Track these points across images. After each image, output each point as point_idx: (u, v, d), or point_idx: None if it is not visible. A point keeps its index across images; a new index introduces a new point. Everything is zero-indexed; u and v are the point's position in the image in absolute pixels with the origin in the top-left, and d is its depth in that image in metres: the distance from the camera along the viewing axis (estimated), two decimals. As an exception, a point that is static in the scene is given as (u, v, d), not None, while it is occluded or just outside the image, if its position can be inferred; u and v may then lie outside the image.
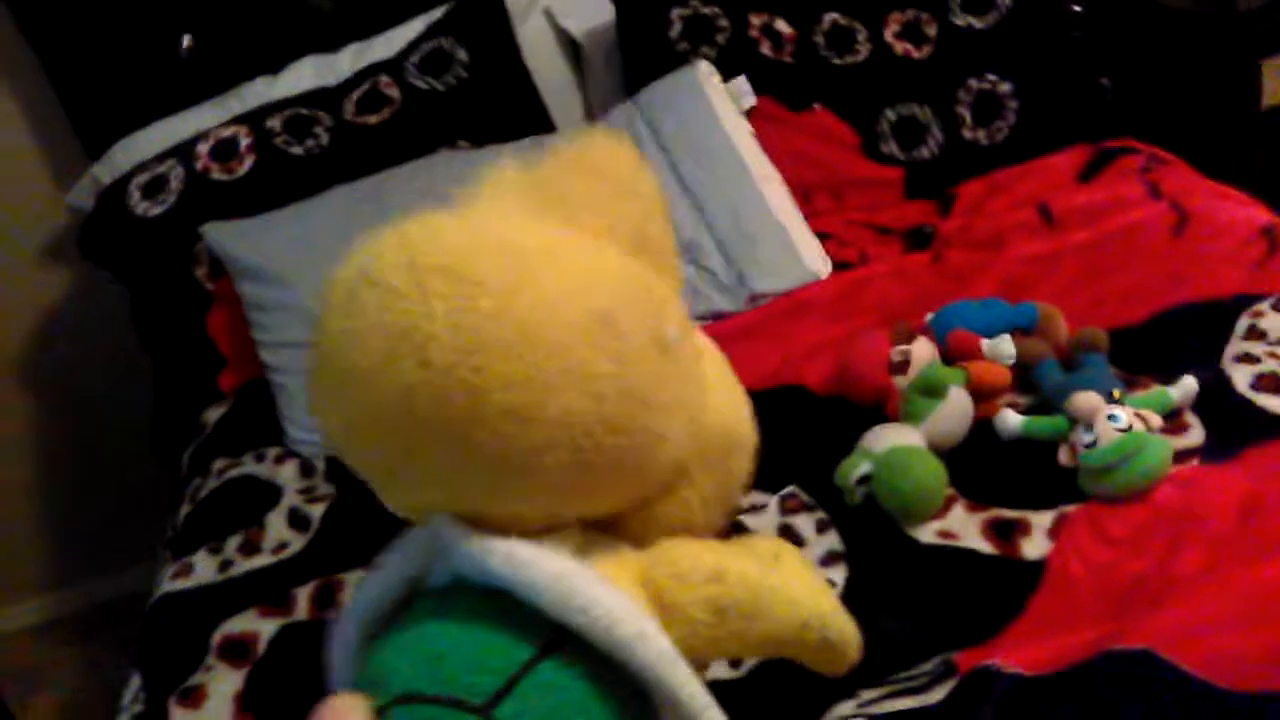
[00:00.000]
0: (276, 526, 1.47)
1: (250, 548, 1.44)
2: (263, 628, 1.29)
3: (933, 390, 1.29)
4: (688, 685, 0.36)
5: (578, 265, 0.35)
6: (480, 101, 1.97)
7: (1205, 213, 1.63)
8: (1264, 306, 1.39)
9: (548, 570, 0.34)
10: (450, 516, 0.37)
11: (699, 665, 0.38)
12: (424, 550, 0.38)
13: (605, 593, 0.34)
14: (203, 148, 1.88)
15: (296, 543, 1.43)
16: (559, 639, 0.34)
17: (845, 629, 0.39)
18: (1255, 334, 1.35)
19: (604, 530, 0.40)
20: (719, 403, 0.41)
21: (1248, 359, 1.31)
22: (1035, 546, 1.14)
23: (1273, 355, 1.30)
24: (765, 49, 1.94)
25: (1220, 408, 1.26)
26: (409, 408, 0.34)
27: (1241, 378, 1.29)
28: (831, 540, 1.22)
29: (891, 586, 1.14)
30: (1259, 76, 2.03)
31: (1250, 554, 1.04)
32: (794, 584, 0.39)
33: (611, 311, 0.34)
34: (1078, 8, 2.01)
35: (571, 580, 0.34)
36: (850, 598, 1.12)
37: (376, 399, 0.35)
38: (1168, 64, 2.18)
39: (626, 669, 0.35)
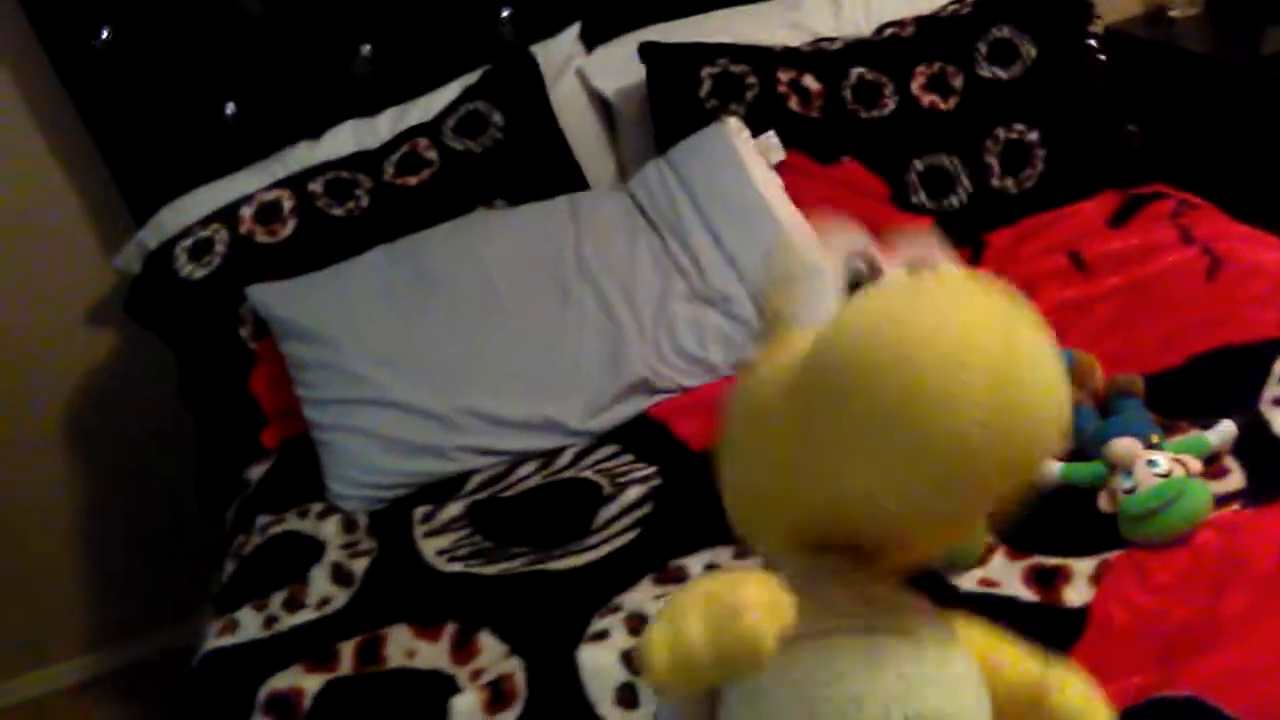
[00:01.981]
0: (320, 582, 1.48)
1: (294, 604, 1.45)
2: (308, 684, 1.29)
3: (969, 438, 1.30)
4: None
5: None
6: (516, 161, 2.01)
7: (1237, 256, 1.63)
8: (1301, 349, 1.39)
9: None
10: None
11: None
12: None
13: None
14: (246, 211, 1.93)
15: (340, 598, 1.45)
16: None
17: None
18: (1293, 377, 1.35)
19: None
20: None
21: (1286, 402, 1.31)
22: (1077, 594, 1.13)
23: (1311, 398, 1.30)
24: (793, 104, 1.97)
25: (1260, 451, 1.25)
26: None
27: (1280, 421, 1.28)
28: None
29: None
30: (1287, 120, 2.04)
31: (1295, 598, 1.04)
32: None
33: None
34: (1103, 57, 2.03)
35: None
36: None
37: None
38: (1195, 109, 2.20)
39: None
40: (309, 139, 2.07)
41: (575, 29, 2.16)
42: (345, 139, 2.06)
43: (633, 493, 1.49)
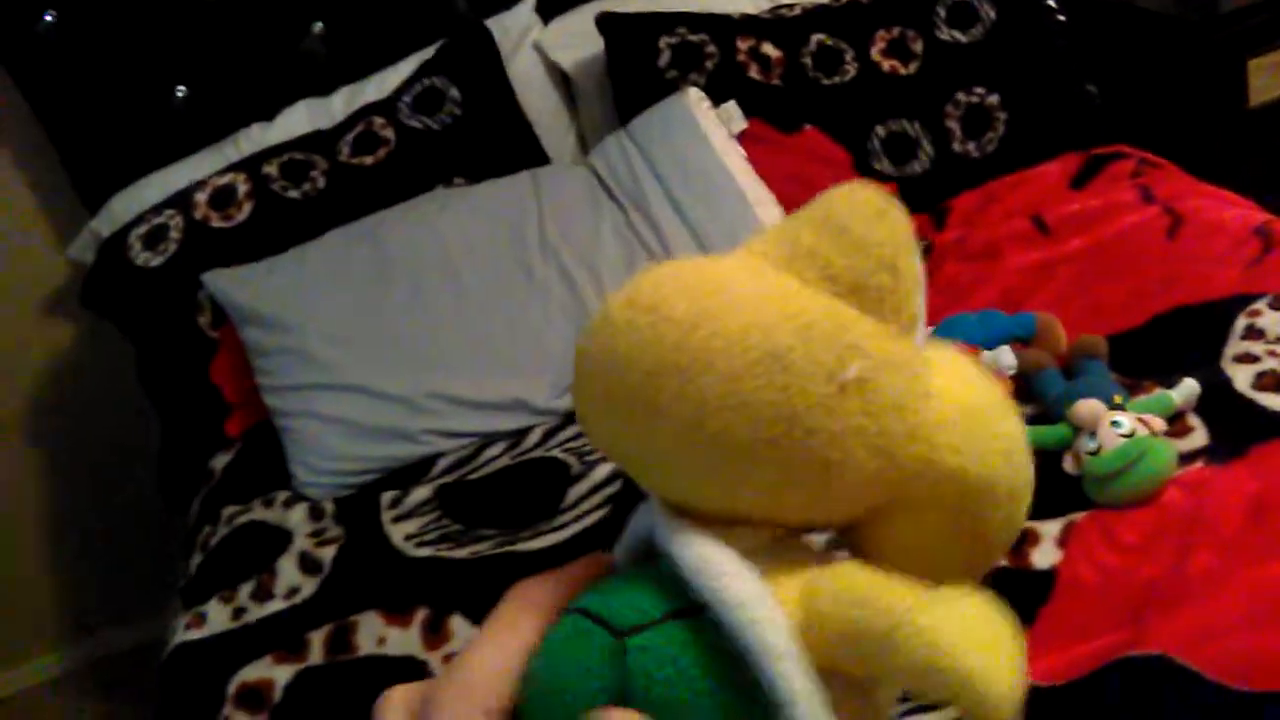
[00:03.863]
0: (288, 571, 1.47)
1: (263, 594, 1.44)
2: (278, 675, 1.29)
3: (935, 404, 1.30)
4: (784, 680, 0.38)
5: (766, 308, 0.40)
6: (474, 138, 1.98)
7: (1198, 214, 1.63)
8: (1261, 305, 1.39)
9: (696, 550, 0.40)
10: (659, 499, 0.43)
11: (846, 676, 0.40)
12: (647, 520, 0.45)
13: (741, 582, 0.39)
14: (201, 196, 1.90)
15: (308, 587, 1.44)
16: (699, 608, 0.40)
17: (988, 693, 0.38)
18: (1253, 333, 1.36)
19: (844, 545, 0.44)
20: (957, 444, 0.42)
21: (1247, 358, 1.32)
22: (1045, 556, 1.14)
23: (1272, 354, 1.31)
24: (754, 73, 1.95)
25: (1222, 408, 1.26)
26: (618, 411, 0.42)
27: (1242, 377, 1.29)
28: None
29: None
30: (1245, 76, 2.04)
31: (1259, 553, 1.05)
32: (947, 631, 0.39)
33: (785, 351, 0.39)
34: (1061, 17, 2.03)
35: (712, 563, 0.40)
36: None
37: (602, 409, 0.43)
38: (1154, 68, 2.20)
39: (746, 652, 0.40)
40: (262, 121, 2.04)
41: (531, 1, 2.13)
42: (299, 119, 2.03)
43: (602, 470, 1.48)
